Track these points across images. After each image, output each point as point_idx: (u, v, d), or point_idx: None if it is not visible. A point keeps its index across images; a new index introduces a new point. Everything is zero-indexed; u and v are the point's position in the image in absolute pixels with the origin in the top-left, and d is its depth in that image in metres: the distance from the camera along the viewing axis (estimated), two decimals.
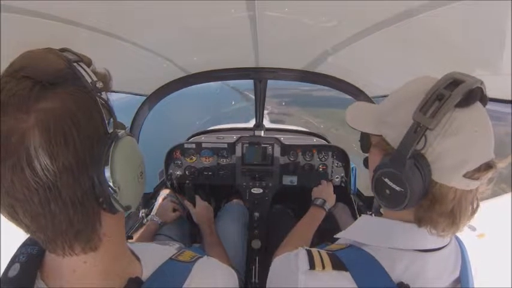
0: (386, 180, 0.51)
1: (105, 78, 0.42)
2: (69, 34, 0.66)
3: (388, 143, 0.53)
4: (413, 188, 0.47)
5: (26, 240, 0.45)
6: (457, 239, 0.62)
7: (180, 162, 1.64)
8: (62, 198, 0.33)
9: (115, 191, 0.37)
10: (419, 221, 0.53)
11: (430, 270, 0.53)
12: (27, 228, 0.35)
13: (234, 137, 1.65)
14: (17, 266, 0.41)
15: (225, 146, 1.63)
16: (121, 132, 0.40)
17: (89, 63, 0.40)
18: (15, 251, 0.44)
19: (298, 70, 1.35)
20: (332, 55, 1.04)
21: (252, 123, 1.79)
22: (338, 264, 0.55)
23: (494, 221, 1.74)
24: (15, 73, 0.33)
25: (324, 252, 0.58)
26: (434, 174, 0.48)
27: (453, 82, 0.46)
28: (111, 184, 0.37)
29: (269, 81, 1.46)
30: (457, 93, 0.45)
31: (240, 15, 0.69)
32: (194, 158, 1.63)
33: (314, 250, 0.59)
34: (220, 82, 1.61)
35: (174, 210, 1.36)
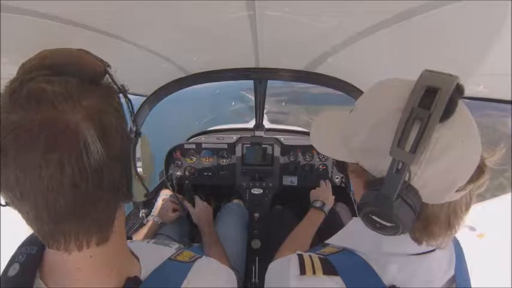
0: (374, 217, 0.47)
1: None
2: (68, 34, 0.66)
3: (366, 170, 0.48)
4: (404, 222, 0.44)
5: (25, 240, 0.45)
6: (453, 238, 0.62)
7: (180, 162, 1.64)
8: (104, 183, 0.36)
9: (142, 178, 0.44)
10: (417, 240, 0.50)
11: (423, 272, 0.53)
12: (59, 213, 0.34)
13: (234, 137, 1.65)
14: (16, 265, 0.41)
15: (225, 146, 1.63)
16: (140, 129, 0.45)
17: (109, 67, 0.44)
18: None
19: (298, 70, 1.35)
20: (332, 55, 1.04)
21: (252, 124, 1.79)
22: (329, 268, 0.54)
23: (494, 221, 1.74)
24: (54, 67, 0.35)
25: (315, 257, 0.58)
26: (424, 198, 0.44)
27: (428, 92, 0.39)
28: (141, 172, 0.42)
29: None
30: (437, 110, 0.38)
31: (240, 15, 0.68)
32: (194, 159, 1.63)
33: (306, 255, 0.59)
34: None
35: (174, 210, 1.36)
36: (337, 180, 1.65)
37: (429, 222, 0.47)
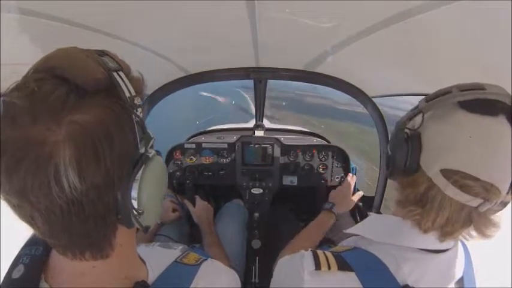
0: (388, 144, 0.58)
1: (141, 86, 0.41)
2: (68, 34, 0.66)
3: None
4: (395, 156, 0.53)
5: (29, 240, 0.45)
6: (461, 242, 0.62)
7: (180, 162, 1.63)
8: (84, 213, 0.33)
9: (139, 214, 0.36)
10: (396, 202, 0.57)
11: (433, 273, 0.54)
12: (42, 234, 0.35)
13: (234, 137, 1.65)
14: (20, 267, 0.41)
15: (225, 146, 1.63)
16: (152, 153, 0.39)
17: (127, 71, 0.38)
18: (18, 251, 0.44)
19: (298, 70, 1.35)
20: (332, 55, 1.04)
21: (252, 124, 1.79)
22: (344, 265, 0.55)
23: None
24: (51, 71, 0.31)
25: (329, 253, 0.58)
26: (421, 156, 0.51)
27: (476, 87, 0.47)
28: (136, 206, 0.36)
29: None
30: (464, 94, 0.46)
31: (240, 15, 0.68)
32: (194, 158, 1.63)
33: (319, 251, 0.59)
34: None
35: (174, 210, 1.36)
36: (337, 180, 1.65)
37: (410, 184, 0.53)
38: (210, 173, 1.65)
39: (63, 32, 0.64)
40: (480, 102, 0.45)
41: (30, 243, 0.44)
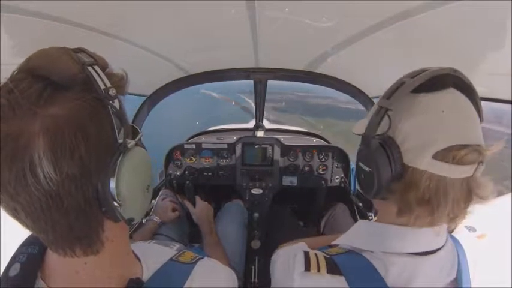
0: (360, 163, 0.54)
1: (121, 81, 0.41)
2: (68, 34, 0.66)
3: None
4: (379, 167, 0.49)
5: (26, 240, 0.45)
6: (453, 239, 0.62)
7: (179, 162, 1.63)
8: (63, 206, 0.33)
9: (119, 205, 0.37)
10: (399, 210, 0.53)
11: (425, 274, 0.53)
12: (29, 229, 0.35)
13: (234, 137, 1.65)
14: (17, 265, 0.41)
15: (225, 146, 1.63)
16: (131, 143, 0.38)
17: (104, 66, 0.39)
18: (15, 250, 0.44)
19: (298, 70, 1.35)
20: (332, 55, 1.04)
21: (252, 124, 1.79)
22: (333, 268, 0.55)
23: (494, 221, 1.74)
24: (30, 70, 0.33)
25: (321, 255, 0.58)
26: (405, 156, 0.49)
27: (421, 71, 0.50)
28: (115, 197, 0.36)
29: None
30: (417, 79, 0.48)
31: (240, 15, 0.69)
32: (194, 159, 1.63)
33: (311, 252, 0.60)
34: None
35: (174, 210, 1.36)
36: (336, 180, 1.65)
37: (408, 186, 0.49)
38: (210, 173, 1.65)
39: (63, 32, 0.64)
40: (434, 80, 0.48)
41: (27, 243, 0.44)
